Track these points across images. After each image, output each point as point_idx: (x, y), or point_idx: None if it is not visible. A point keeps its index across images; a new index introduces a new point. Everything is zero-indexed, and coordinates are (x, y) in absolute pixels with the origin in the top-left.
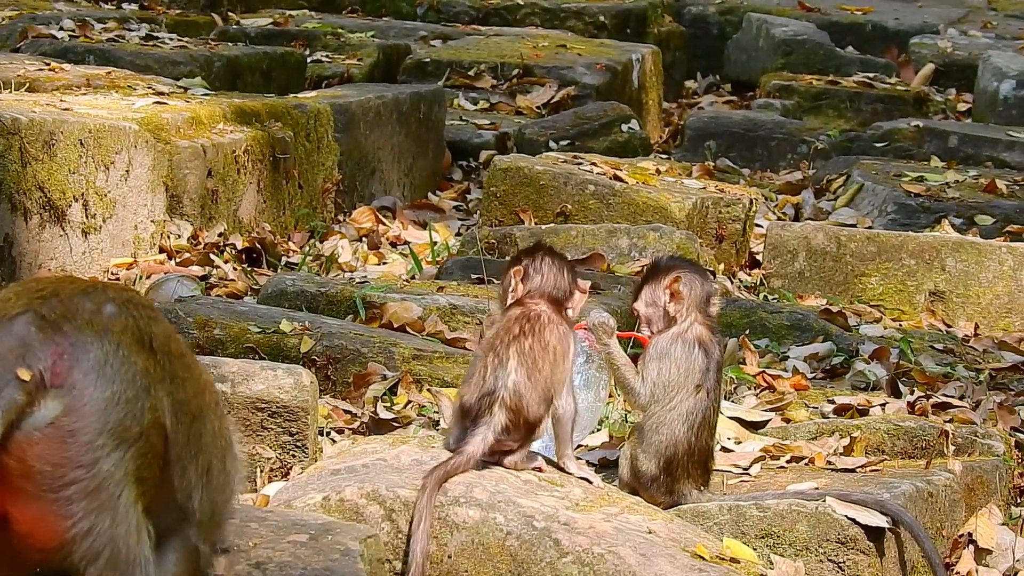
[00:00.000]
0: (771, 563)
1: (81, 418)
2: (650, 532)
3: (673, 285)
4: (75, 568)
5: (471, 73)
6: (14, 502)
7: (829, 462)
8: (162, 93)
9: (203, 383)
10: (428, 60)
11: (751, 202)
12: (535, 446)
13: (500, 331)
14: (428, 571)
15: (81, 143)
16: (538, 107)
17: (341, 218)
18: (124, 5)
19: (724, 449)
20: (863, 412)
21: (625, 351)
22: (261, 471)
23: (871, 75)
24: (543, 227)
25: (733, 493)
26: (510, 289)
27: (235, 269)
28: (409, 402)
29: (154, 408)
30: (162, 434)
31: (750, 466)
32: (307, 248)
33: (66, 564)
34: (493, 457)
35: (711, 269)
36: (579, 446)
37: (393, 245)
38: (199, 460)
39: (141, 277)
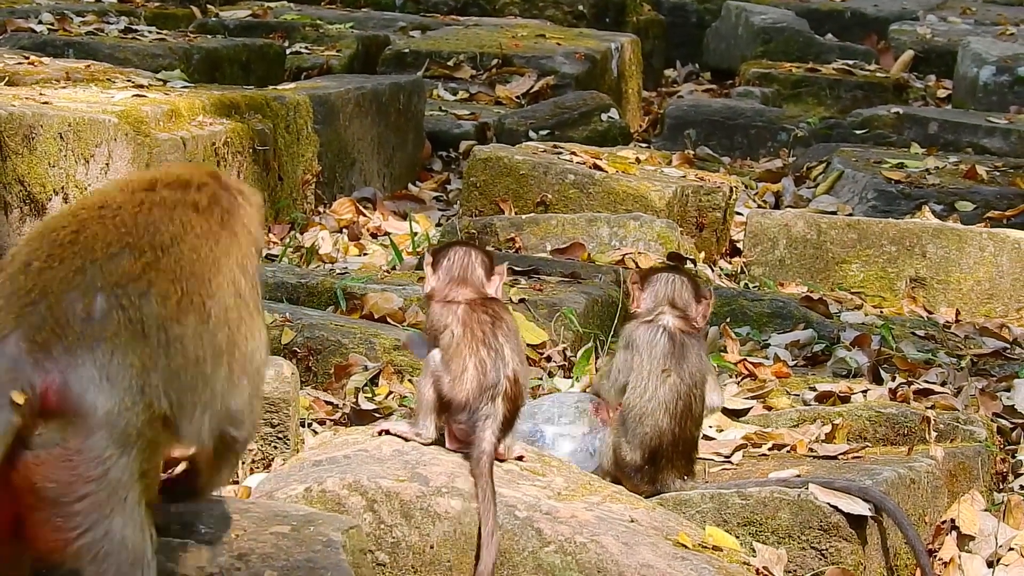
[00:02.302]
0: (753, 551)
1: (87, 437)
2: (632, 521)
3: (632, 284)
4: (82, 568)
5: (450, 63)
6: (25, 514)
7: (811, 449)
8: (141, 86)
9: (215, 321)
10: (407, 51)
11: (731, 190)
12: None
13: (470, 324)
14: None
15: (61, 136)
16: (517, 97)
17: (321, 209)
18: None
19: (706, 437)
20: (845, 399)
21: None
22: (243, 463)
23: (851, 62)
24: (523, 217)
25: (715, 481)
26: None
27: None
28: (390, 393)
29: (149, 405)
30: (159, 422)
31: (732, 454)
32: (287, 239)
33: (75, 565)
34: None
35: (691, 257)
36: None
37: (373, 236)
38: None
39: None
